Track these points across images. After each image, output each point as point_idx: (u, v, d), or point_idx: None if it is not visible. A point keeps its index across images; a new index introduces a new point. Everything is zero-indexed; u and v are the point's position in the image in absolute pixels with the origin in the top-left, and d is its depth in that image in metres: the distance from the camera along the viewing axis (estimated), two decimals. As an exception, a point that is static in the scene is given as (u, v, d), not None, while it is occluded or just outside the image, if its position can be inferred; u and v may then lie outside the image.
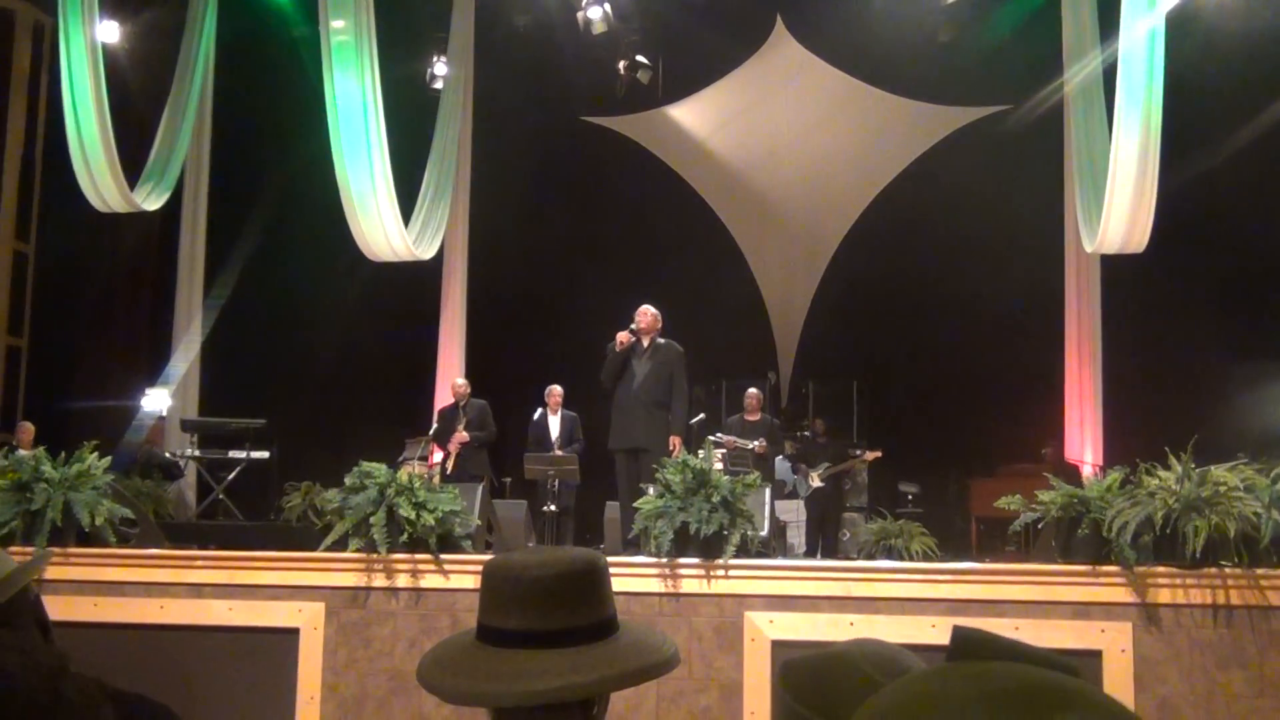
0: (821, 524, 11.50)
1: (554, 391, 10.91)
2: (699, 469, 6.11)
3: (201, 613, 6.01)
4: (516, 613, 1.70)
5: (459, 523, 6.26)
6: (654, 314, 8.38)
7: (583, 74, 13.58)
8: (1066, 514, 5.81)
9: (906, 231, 14.00)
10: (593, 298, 13.23)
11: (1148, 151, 9.36)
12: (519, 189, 13.79)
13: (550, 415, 10.87)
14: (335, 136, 10.57)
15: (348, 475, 6.32)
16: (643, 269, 13.54)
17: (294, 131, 11.99)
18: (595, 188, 14.69)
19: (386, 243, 11.26)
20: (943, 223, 13.63)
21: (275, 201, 12.99)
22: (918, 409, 13.58)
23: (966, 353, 13.26)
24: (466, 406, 10.57)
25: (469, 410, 10.54)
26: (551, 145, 14.22)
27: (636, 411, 8.14)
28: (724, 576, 5.80)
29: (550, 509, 10.10)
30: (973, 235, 13.16)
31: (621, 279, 13.10)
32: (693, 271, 14.41)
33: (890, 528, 8.08)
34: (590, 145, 14.51)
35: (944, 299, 13.58)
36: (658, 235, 14.64)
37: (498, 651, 1.69)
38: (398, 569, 6.02)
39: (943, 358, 13.53)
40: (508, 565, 1.75)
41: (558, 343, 13.49)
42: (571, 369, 11.15)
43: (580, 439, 10.80)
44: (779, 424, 11.68)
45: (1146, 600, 5.47)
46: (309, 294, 13.17)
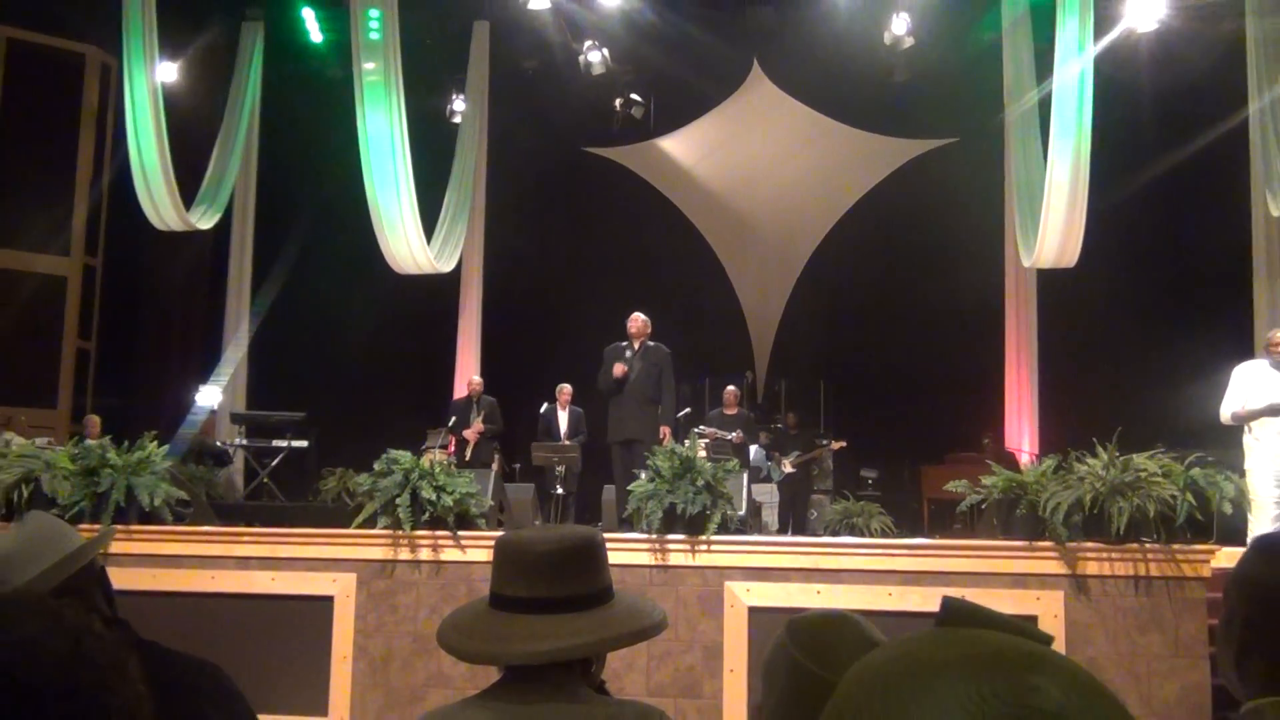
0: (792, 505, 11.50)
1: (564, 390, 10.90)
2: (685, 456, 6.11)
3: (247, 582, 6.01)
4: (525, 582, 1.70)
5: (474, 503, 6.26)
6: (643, 319, 8.41)
7: (583, 110, 13.59)
8: (1006, 496, 5.82)
9: (868, 247, 14.01)
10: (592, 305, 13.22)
11: (1078, 177, 9.39)
12: (528, 210, 13.78)
13: (560, 410, 10.85)
14: (366, 163, 10.57)
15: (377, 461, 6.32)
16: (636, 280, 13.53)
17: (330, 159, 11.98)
18: (594, 209, 14.69)
19: (411, 257, 11.25)
20: (899, 239, 13.65)
21: (313, 221, 12.97)
22: (877, 404, 13.57)
23: (919, 354, 13.27)
24: (480, 401, 10.54)
25: (483, 405, 10.51)
26: (556, 172, 14.21)
27: (630, 407, 8.22)
28: (707, 551, 5.80)
29: (558, 492, 10.09)
30: (925, 250, 13.18)
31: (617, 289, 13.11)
32: (680, 283, 14.41)
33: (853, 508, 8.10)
34: (590, 172, 14.50)
35: (900, 307, 13.60)
36: (649, 251, 14.64)
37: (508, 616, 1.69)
38: (420, 544, 6.02)
39: (899, 359, 13.53)
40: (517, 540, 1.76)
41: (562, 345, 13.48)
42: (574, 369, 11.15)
43: (584, 431, 10.80)
44: (754, 417, 11.69)
45: (1076, 572, 5.48)
46: (342, 302, 13.14)
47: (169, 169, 10.80)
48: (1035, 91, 10.81)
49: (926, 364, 13.17)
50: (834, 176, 14.54)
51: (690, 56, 12.98)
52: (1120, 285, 12.18)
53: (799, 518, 11.45)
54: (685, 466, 6.03)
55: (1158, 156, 11.73)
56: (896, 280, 13.63)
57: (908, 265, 13.43)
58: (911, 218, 13.40)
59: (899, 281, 13.58)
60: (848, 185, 14.61)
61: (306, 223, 13.02)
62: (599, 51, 12.48)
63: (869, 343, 13.94)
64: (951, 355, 12.84)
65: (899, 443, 13.01)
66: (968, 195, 12.69)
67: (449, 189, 12.42)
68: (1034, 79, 10.91)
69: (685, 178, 14.85)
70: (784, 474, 11.57)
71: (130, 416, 11.13)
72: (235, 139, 12.33)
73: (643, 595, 1.86)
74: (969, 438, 12.20)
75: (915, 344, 13.33)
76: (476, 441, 10.27)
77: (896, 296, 13.64)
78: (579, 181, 14.54)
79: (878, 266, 13.86)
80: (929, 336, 13.19)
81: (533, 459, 10.35)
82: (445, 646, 1.72)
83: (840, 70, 12.81)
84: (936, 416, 12.71)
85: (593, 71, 12.56)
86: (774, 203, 14.83)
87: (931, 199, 13.10)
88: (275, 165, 13.26)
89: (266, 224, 13.32)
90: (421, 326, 13.52)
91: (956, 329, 12.89)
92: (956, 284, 12.62)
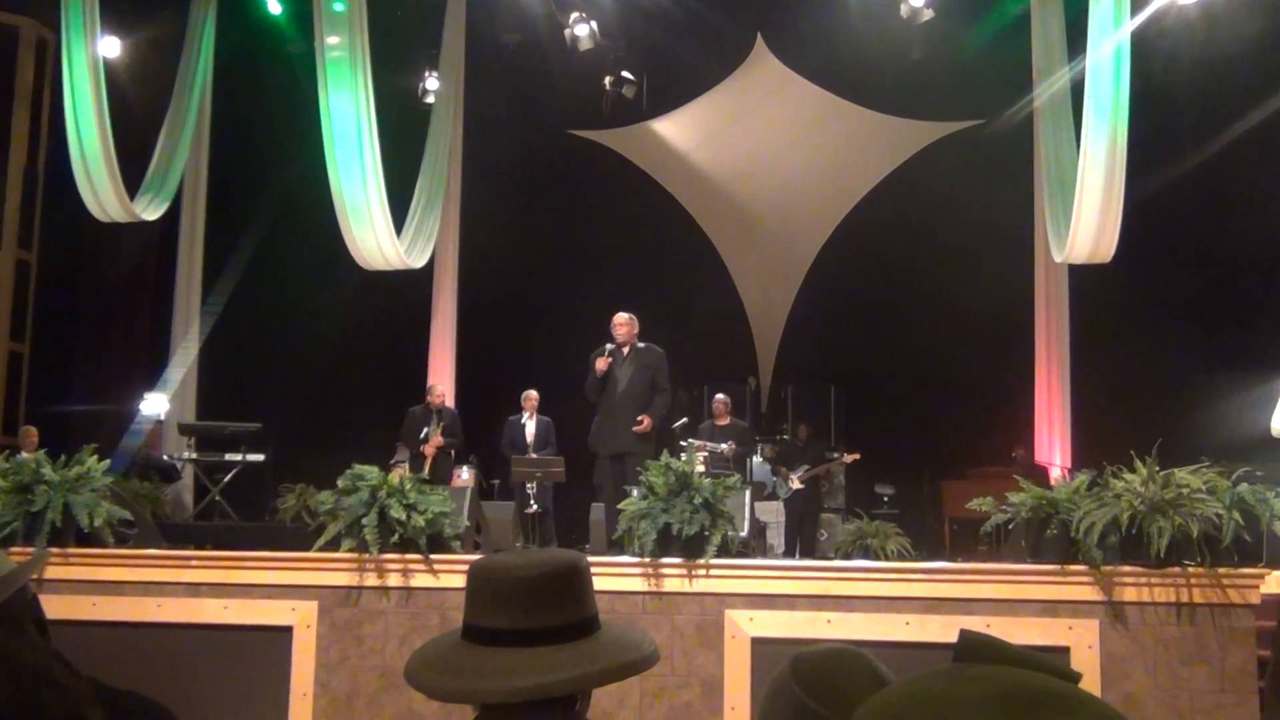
0: (800, 525, 11.51)
1: (530, 396, 10.93)
2: (681, 472, 6.10)
3: (197, 611, 5.98)
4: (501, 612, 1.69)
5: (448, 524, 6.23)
6: (629, 319, 8.30)
7: (569, 89, 13.58)
8: (1036, 515, 5.81)
9: (883, 241, 14.03)
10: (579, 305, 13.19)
11: (1114, 163, 9.41)
12: (508, 200, 13.77)
13: (526, 419, 10.86)
14: (330, 148, 10.55)
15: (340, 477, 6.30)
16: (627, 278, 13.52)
17: (290, 144, 11.96)
18: (581, 199, 14.69)
19: (379, 251, 11.23)
20: (917, 233, 13.66)
21: (271, 211, 12.95)
22: (893, 413, 13.60)
23: (940, 359, 13.28)
24: (442, 412, 10.54)
25: (444, 417, 10.51)
26: (539, 158, 14.21)
27: (621, 417, 8.12)
28: (705, 576, 5.79)
29: (532, 508, 10.10)
30: (946, 245, 13.20)
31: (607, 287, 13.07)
32: (676, 280, 14.42)
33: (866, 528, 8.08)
34: (577, 158, 14.51)
35: (919, 307, 13.62)
36: (642, 245, 14.65)
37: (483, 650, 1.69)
38: (389, 568, 5.99)
39: (917, 364, 13.55)
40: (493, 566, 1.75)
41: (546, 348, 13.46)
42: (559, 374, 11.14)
43: (553, 442, 10.81)
44: (748, 428, 11.69)
45: (1112, 598, 5.48)
46: (303, 301, 13.12)
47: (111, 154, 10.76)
48: (1067, 70, 10.83)
49: (948, 369, 13.19)
50: (845, 163, 14.56)
51: (687, 30, 13.00)
52: (1161, 283, 12.22)
53: (807, 539, 11.46)
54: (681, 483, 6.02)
55: (1202, 140, 11.76)
56: (915, 277, 13.65)
57: (927, 261, 13.45)
58: (931, 208, 13.43)
59: (917, 278, 13.60)
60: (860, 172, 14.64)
61: (263, 214, 13.00)
62: (587, 25, 12.47)
63: (884, 346, 13.96)
64: (975, 360, 12.86)
65: (918, 456, 13.03)
66: (992, 184, 12.70)
67: (421, 177, 12.41)
68: (1065, 56, 10.93)
69: (682, 164, 14.87)
70: (791, 491, 11.58)
71: (67, 427, 11.09)
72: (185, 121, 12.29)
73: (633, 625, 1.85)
74: (995, 451, 12.22)
75: (935, 347, 13.35)
76: (435, 456, 10.25)
77: (915, 295, 13.66)
78: (565, 168, 14.55)
79: (894, 262, 13.88)
80: (951, 339, 13.20)
81: (512, 475, 10.34)
82: (414, 683, 1.71)
83: (852, 46, 12.83)
84: (959, 427, 12.73)
85: (580, 47, 12.55)
86: (779, 191, 14.85)
87: (953, 188, 13.12)
88: (229, 150, 13.24)
89: (219, 215, 13.30)
90: (391, 328, 13.50)
91: (981, 331, 12.90)
92: (981, 281, 12.63)
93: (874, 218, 14.39)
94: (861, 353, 14.25)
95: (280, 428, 11.45)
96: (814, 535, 11.69)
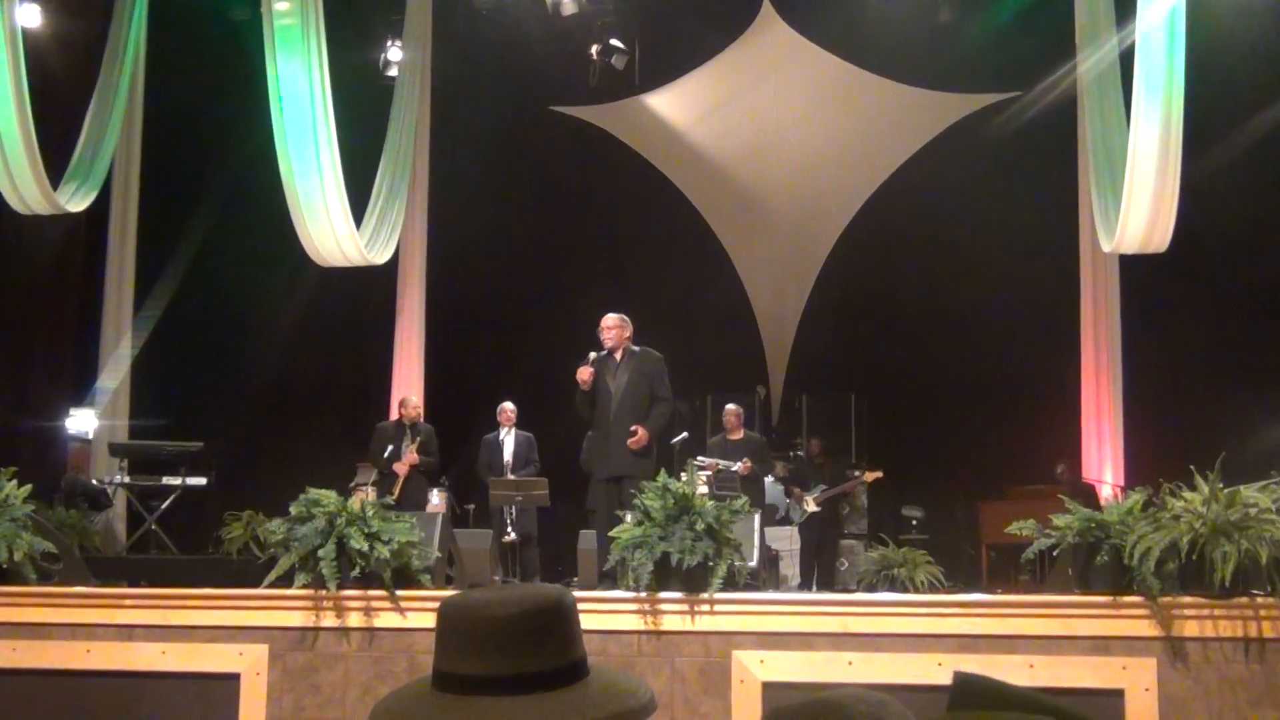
0: (817, 553, 11.52)
1: (506, 409, 10.92)
2: (681, 494, 6.09)
3: (131, 657, 5.96)
4: (476, 656, 1.69)
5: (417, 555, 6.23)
6: (617, 321, 8.16)
7: (552, 60, 13.59)
8: (1084, 540, 5.81)
9: (908, 230, 14.04)
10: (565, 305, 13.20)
11: (1169, 141, 9.42)
12: (483, 186, 13.78)
13: (503, 434, 10.85)
14: (279, 130, 10.54)
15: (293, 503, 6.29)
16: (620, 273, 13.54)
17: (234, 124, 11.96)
18: (567, 185, 14.70)
19: (336, 246, 11.22)
20: (947, 221, 13.67)
21: (213, 202, 12.94)
22: (922, 425, 13.61)
23: (974, 363, 13.29)
24: (417, 428, 10.53)
25: (419, 432, 10.50)
26: (518, 138, 14.21)
27: (616, 434, 7.97)
28: (709, 612, 5.79)
29: (509, 537, 10.08)
30: (979, 235, 13.21)
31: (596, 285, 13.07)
32: (674, 275, 14.42)
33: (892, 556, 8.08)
34: (561, 138, 14.51)
35: (949, 304, 13.62)
36: (635, 236, 14.65)
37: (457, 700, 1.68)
38: (349, 607, 5.98)
39: (948, 369, 13.56)
40: (466, 604, 1.75)
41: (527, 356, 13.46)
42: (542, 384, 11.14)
43: (536, 460, 10.80)
44: (765, 441, 11.69)
45: (1172, 633, 5.48)
46: (251, 304, 13.11)
47: (31, 137, 10.73)
48: (1115, 35, 10.86)
49: (983, 375, 13.20)
50: (865, 141, 14.58)
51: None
52: (1223, 275, 12.24)
53: (825, 569, 11.46)
54: (681, 507, 6.02)
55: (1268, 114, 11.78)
56: (944, 271, 13.66)
57: (958, 252, 13.46)
58: (962, 193, 13.44)
59: (947, 272, 13.62)
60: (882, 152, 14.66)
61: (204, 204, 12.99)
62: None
63: (911, 348, 13.97)
64: (1014, 364, 12.87)
65: (950, 474, 13.04)
66: (1031, 165, 12.72)
67: (383, 161, 12.40)
68: (1113, 20, 10.95)
69: (680, 144, 14.88)
70: (806, 514, 11.58)
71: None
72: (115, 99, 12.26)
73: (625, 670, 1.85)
74: (1037, 467, 12.22)
75: (969, 350, 13.35)
76: (408, 476, 10.24)
77: (944, 291, 13.67)
78: (547, 150, 14.56)
79: (921, 253, 13.90)
80: (986, 341, 13.21)
81: (490, 499, 10.34)
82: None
83: (871, 9, 12.86)
84: (996, 441, 12.74)
85: (563, 11, 12.55)
86: (790, 174, 14.87)
87: (987, 169, 13.14)
88: (165, 133, 13.21)
89: (154, 206, 13.27)
90: (350, 334, 13.50)
91: (1020, 331, 12.92)
92: (1019, 275, 12.64)
93: (899, 203, 14.40)
94: (885, 356, 14.26)
95: (225, 447, 11.44)
96: (833, 565, 11.69)
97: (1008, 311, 13.00)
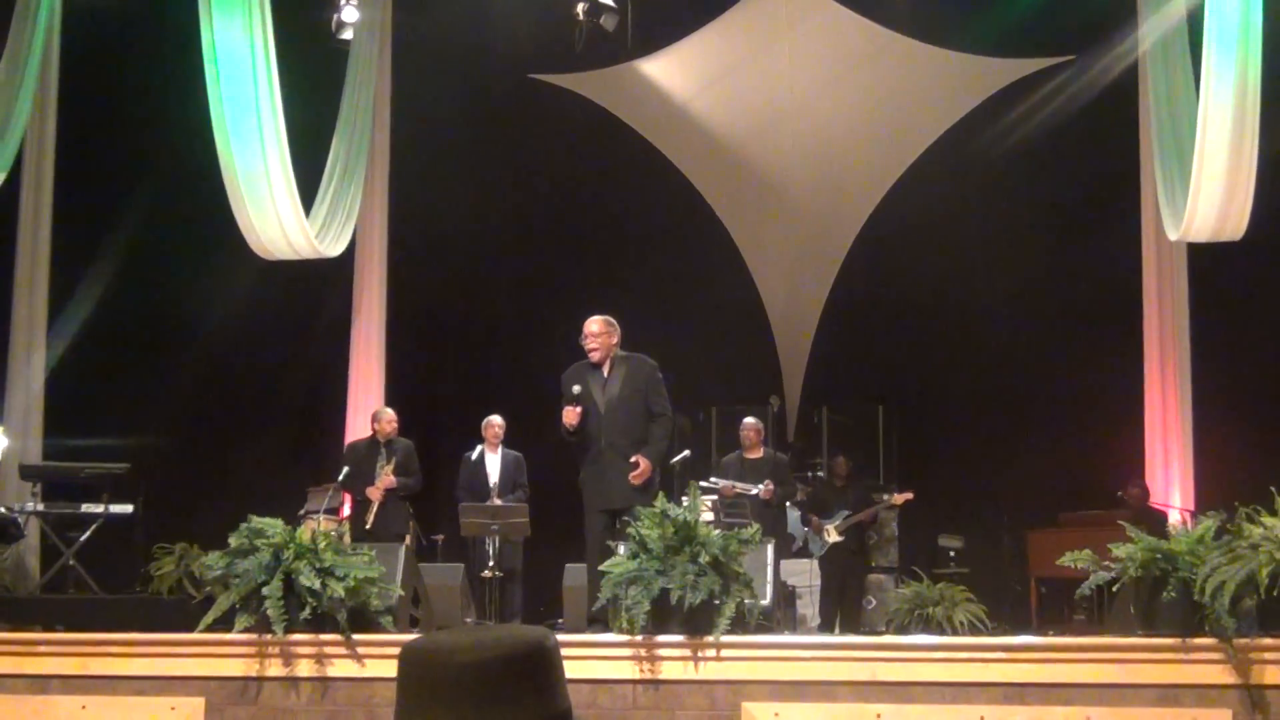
0: (840, 589, 11.50)
1: (493, 424, 10.88)
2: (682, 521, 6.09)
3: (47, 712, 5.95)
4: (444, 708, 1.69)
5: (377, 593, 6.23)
6: (603, 327, 8.02)
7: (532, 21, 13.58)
8: (1148, 573, 5.82)
9: (942, 218, 14.02)
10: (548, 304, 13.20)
11: (1244, 112, 9.43)
12: (452, 167, 13.76)
13: (489, 453, 10.83)
14: (216, 101, 10.54)
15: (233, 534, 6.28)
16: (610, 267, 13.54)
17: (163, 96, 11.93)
18: (549, 166, 14.67)
19: (283, 236, 11.22)
20: (988, 207, 13.68)
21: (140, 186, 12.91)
22: (960, 441, 13.59)
23: (1020, 369, 13.29)
24: (393, 446, 10.51)
25: (395, 451, 10.47)
26: (493, 111, 14.19)
27: (610, 459, 7.82)
28: (715, 658, 5.79)
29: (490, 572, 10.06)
30: (1025, 222, 13.20)
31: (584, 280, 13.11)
32: (673, 269, 14.41)
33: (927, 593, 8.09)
34: (542, 111, 14.49)
35: (990, 301, 13.62)
36: (629, 225, 14.64)
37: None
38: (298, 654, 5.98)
39: (991, 376, 13.55)
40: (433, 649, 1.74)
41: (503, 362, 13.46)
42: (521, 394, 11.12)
43: (525, 484, 10.78)
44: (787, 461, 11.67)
45: (1250, 680, 5.48)
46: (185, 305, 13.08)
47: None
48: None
49: (1031, 382, 13.20)
50: (893, 115, 14.59)
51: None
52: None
53: (850, 607, 11.46)
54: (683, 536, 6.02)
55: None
56: (985, 264, 13.66)
57: (1000, 243, 13.47)
58: (1005, 175, 13.45)
59: (989, 266, 13.62)
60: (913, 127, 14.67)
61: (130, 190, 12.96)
62: (553, -64, 12.51)
63: (947, 353, 13.96)
64: (1067, 369, 12.88)
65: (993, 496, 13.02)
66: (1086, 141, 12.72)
67: (336, 138, 12.40)
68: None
69: (680, 118, 14.88)
70: (827, 545, 11.57)
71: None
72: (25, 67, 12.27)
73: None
74: (1094, 489, 12.21)
75: (1015, 354, 13.36)
76: (384, 502, 10.23)
77: (985, 287, 13.67)
78: (526, 125, 14.54)
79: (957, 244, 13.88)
80: (1034, 343, 13.22)
81: (461, 527, 10.33)
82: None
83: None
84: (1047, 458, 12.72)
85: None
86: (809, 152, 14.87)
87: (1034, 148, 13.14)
88: (84, 107, 13.20)
89: (71, 191, 13.24)
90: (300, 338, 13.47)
91: (1074, 332, 12.92)
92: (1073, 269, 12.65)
93: (930, 187, 14.39)
94: (917, 361, 14.25)
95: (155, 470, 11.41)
96: (858, 603, 11.68)
97: (1059, 310, 12.99)
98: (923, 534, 13.05)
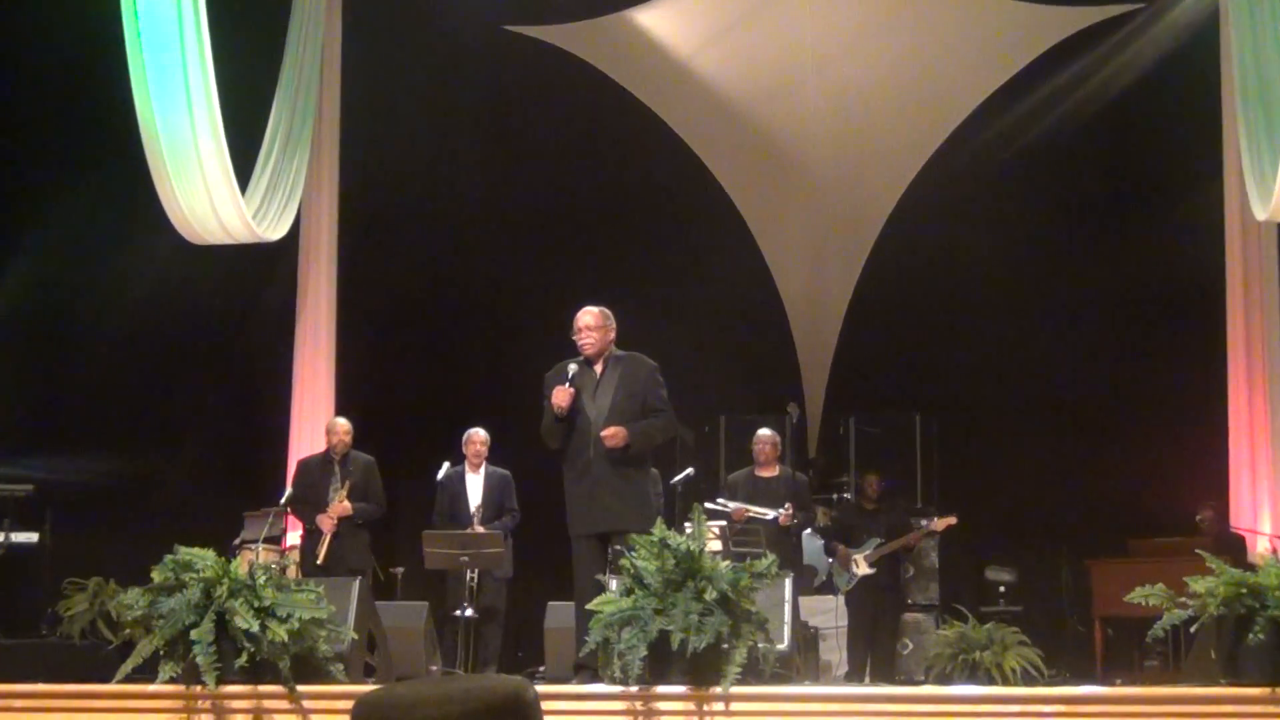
0: (871, 631, 11.51)
1: (475, 439, 10.86)
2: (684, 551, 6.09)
3: (-64, 778, 5.94)
4: (404, 773, 1.68)
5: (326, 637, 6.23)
6: (598, 319, 8.02)
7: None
8: (1232, 611, 5.82)
9: (987, 196, 14.05)
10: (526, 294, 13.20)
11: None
12: (414, 134, 13.77)
13: (469, 473, 10.82)
14: (135, 56, 10.52)
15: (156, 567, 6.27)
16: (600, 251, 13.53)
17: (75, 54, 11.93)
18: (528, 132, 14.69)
19: (214, 216, 11.22)
20: (1041, 183, 13.69)
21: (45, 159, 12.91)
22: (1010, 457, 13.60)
23: (1080, 374, 13.31)
24: (348, 462, 10.50)
25: (352, 469, 10.45)
26: (461, 68, 14.19)
27: (600, 474, 7.79)
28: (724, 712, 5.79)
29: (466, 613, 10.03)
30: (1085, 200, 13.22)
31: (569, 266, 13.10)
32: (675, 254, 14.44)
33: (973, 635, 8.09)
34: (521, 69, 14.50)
35: (1045, 295, 13.64)
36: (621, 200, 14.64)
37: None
38: (232, 708, 5.97)
39: (1044, 382, 13.58)
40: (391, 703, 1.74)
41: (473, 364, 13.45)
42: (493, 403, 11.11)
43: (515, 509, 10.75)
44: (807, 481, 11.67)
45: (1353, 738, 5.48)
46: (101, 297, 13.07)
47: None
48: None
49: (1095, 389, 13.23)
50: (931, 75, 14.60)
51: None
52: None
53: (882, 652, 11.46)
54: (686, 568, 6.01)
55: None
56: (1037, 250, 13.68)
57: (1055, 225, 13.49)
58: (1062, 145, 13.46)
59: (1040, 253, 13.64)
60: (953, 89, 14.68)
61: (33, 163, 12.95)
62: None
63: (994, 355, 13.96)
64: (1136, 373, 12.89)
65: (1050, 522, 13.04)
66: (1158, 106, 12.74)
67: (276, 104, 12.38)
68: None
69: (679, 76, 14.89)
70: (855, 578, 11.57)
71: None
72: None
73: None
74: (1168, 513, 12.23)
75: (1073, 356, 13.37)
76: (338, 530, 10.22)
77: (1037, 276, 13.69)
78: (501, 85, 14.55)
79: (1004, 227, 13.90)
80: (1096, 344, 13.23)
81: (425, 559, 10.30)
82: None
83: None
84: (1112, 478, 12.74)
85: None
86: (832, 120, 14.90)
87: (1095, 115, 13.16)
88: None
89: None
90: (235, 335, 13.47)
91: (1143, 330, 12.94)
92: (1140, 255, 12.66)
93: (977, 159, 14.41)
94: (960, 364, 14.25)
95: (63, 492, 11.40)
96: (893, 646, 11.69)
97: (1126, 304, 13.00)
98: (968, 565, 13.07)
